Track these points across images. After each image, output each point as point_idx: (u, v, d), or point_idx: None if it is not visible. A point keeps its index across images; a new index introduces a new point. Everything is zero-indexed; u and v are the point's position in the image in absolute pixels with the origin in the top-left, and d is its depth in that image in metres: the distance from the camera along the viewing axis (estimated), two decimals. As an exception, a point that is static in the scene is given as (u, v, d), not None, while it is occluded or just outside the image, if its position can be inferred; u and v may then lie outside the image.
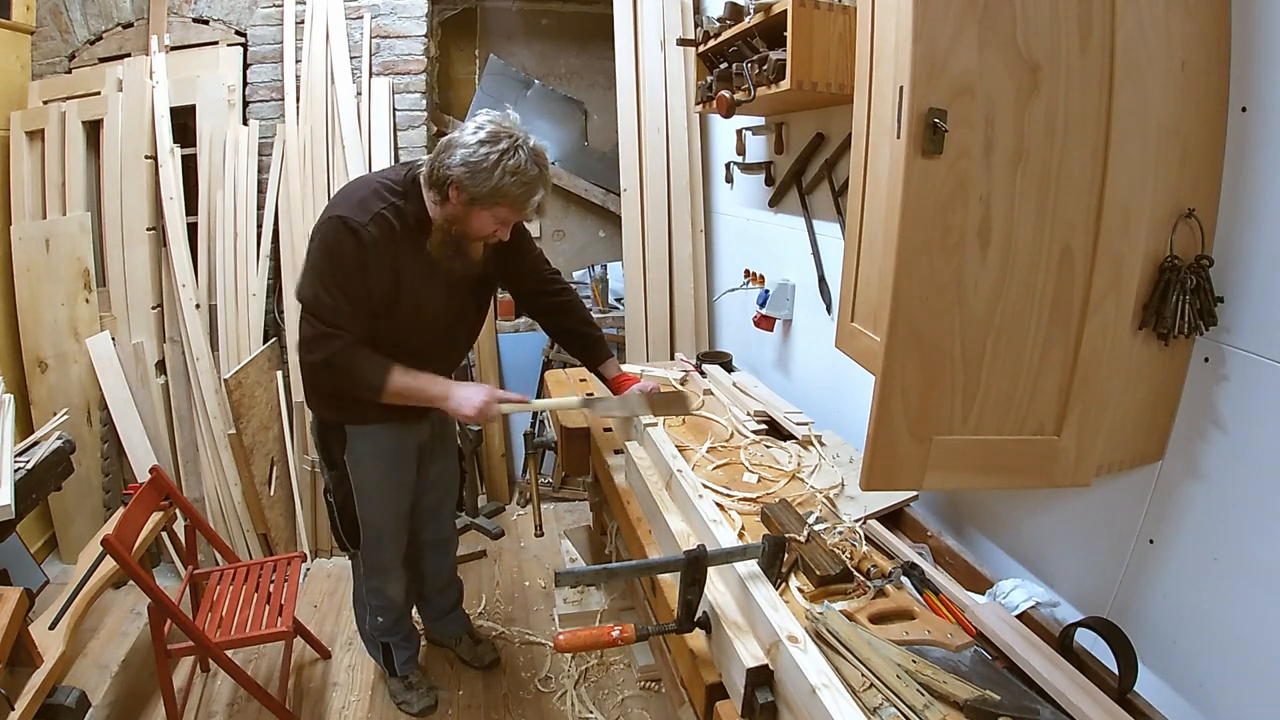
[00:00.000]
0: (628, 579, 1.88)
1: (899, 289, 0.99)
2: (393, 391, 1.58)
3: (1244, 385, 0.99)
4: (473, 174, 1.45)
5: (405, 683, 2.10)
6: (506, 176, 1.45)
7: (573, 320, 1.92)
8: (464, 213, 1.52)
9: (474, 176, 1.45)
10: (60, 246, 2.67)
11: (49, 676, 1.53)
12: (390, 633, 2.05)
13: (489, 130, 1.47)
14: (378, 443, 1.76)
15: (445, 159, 1.48)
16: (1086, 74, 0.95)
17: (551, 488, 3.32)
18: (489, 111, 1.52)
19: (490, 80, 3.37)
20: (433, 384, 1.62)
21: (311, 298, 1.54)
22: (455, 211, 1.53)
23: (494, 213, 1.52)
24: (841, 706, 0.89)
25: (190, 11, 2.86)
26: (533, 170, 1.49)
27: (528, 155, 1.48)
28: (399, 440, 1.79)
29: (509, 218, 1.56)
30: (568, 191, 3.48)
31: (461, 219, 1.54)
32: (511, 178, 1.46)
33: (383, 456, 1.78)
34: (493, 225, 1.56)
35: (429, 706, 2.08)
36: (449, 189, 1.50)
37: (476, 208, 1.51)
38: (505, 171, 1.45)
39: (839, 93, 1.68)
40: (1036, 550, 1.38)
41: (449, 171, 1.47)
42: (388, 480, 1.82)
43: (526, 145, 1.48)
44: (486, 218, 1.53)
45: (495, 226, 1.56)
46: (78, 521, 2.73)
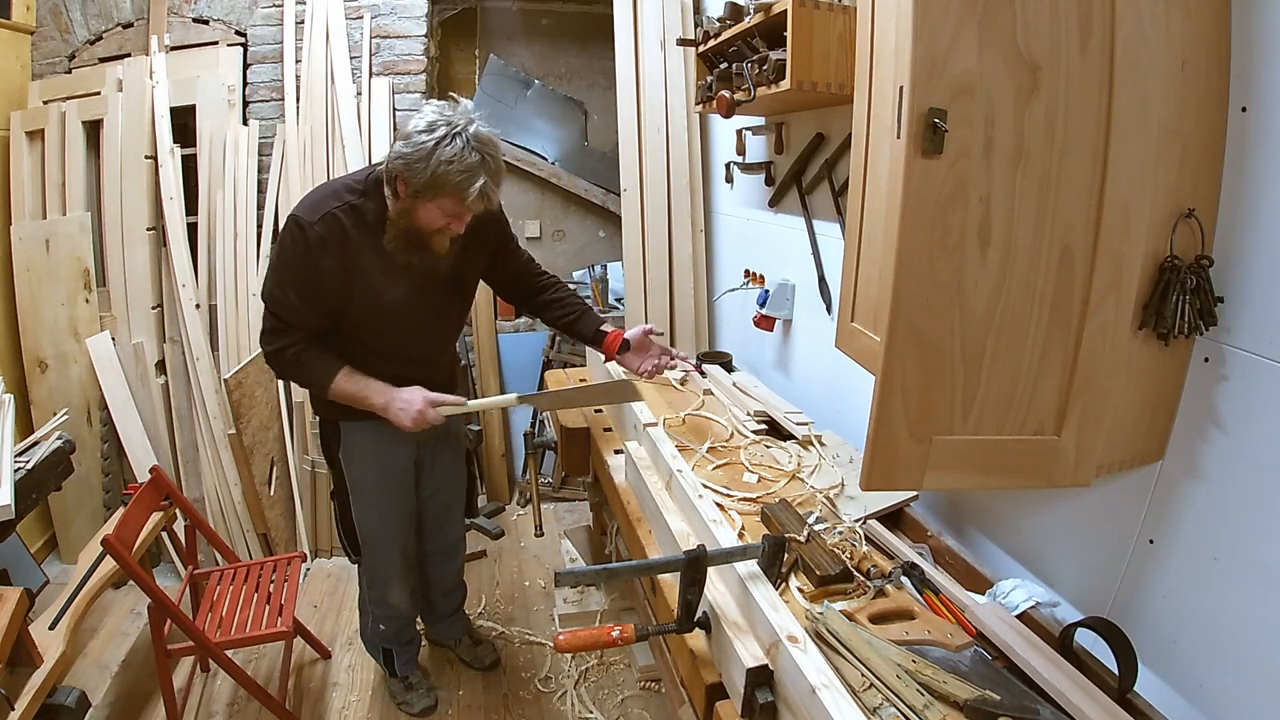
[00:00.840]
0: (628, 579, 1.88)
1: (899, 289, 0.99)
2: (336, 393, 1.62)
3: (1244, 385, 0.99)
4: (409, 165, 1.43)
5: (406, 683, 2.10)
6: (442, 165, 1.40)
7: (555, 302, 1.92)
8: (410, 205, 1.49)
9: (411, 167, 1.42)
10: (60, 246, 2.67)
11: (49, 676, 1.53)
12: (393, 640, 2.05)
13: (428, 119, 1.43)
14: (372, 439, 1.75)
15: (392, 152, 1.47)
16: (1086, 74, 0.95)
17: (551, 488, 3.32)
18: (435, 102, 1.49)
19: (490, 80, 3.37)
20: (374, 392, 1.62)
21: (268, 294, 1.59)
22: (404, 205, 1.51)
23: (438, 204, 1.47)
24: (841, 706, 0.89)
25: (190, 11, 2.86)
26: (472, 157, 1.42)
27: (466, 142, 1.41)
28: (394, 438, 1.75)
29: (454, 209, 1.49)
30: (568, 191, 3.48)
31: (409, 212, 1.51)
32: (448, 165, 1.40)
33: (377, 454, 1.78)
34: (441, 217, 1.51)
35: (429, 707, 2.08)
36: (396, 182, 1.48)
37: (420, 200, 1.47)
38: (440, 160, 1.40)
39: (839, 93, 1.68)
40: (1036, 550, 1.38)
41: (393, 164, 1.46)
42: (384, 479, 1.81)
43: (466, 132, 1.42)
44: (432, 209, 1.49)
45: (445, 219, 1.51)
46: (78, 521, 2.73)
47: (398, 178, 1.47)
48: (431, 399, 1.62)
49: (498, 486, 3.33)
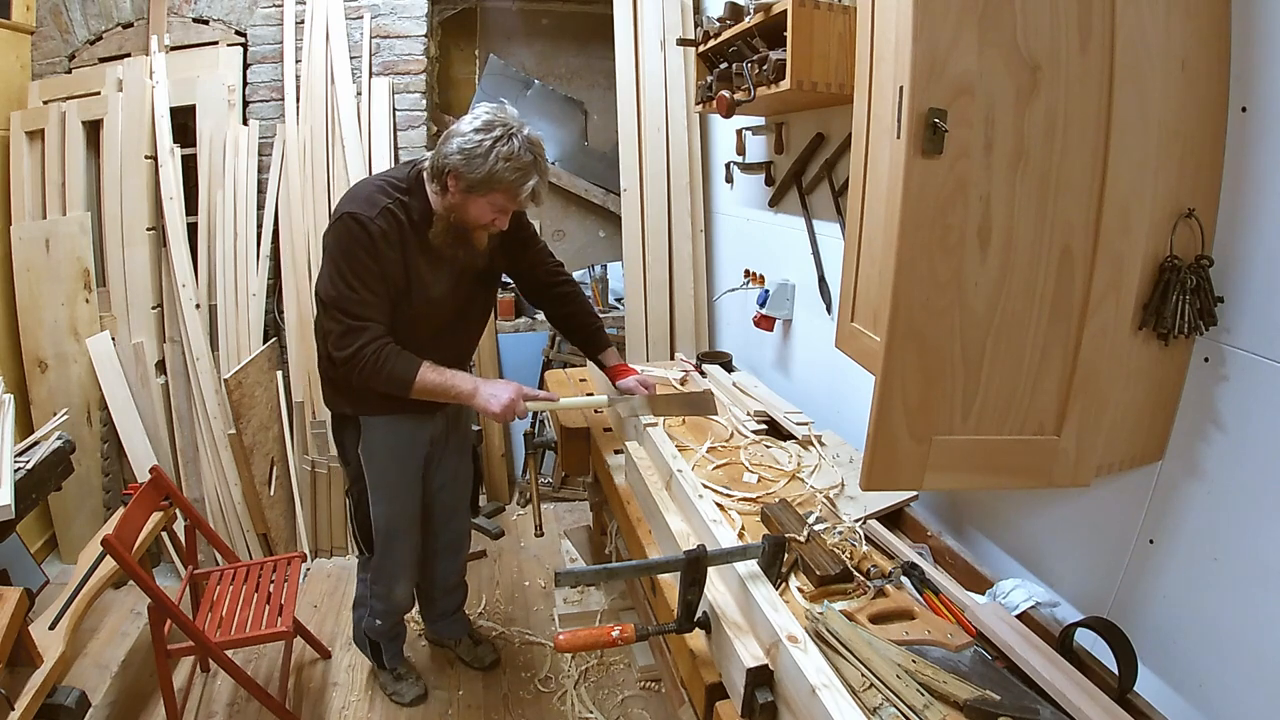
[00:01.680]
0: (628, 579, 1.88)
1: (899, 289, 0.99)
2: (421, 387, 1.60)
3: (1244, 385, 0.99)
4: (468, 160, 1.50)
5: (395, 674, 2.12)
6: (500, 162, 1.49)
7: (575, 309, 1.95)
8: (462, 201, 1.56)
9: (469, 163, 1.50)
10: (60, 246, 2.67)
11: (49, 676, 1.53)
12: (384, 633, 2.06)
13: (484, 120, 1.52)
14: (391, 434, 1.77)
15: (444, 149, 1.54)
16: (1086, 74, 0.95)
17: (551, 488, 3.32)
18: (487, 104, 1.56)
19: (490, 80, 3.37)
20: (461, 380, 1.65)
21: (335, 294, 1.56)
22: (454, 200, 1.57)
23: (490, 199, 1.55)
24: (841, 706, 0.89)
25: (190, 11, 2.86)
26: (526, 157, 1.52)
27: (522, 143, 1.51)
28: (412, 433, 1.80)
29: (505, 205, 1.58)
30: (568, 191, 3.48)
31: (460, 207, 1.58)
32: (505, 163, 1.49)
33: (396, 449, 1.79)
34: (490, 213, 1.59)
35: (420, 695, 2.11)
36: (447, 178, 1.55)
37: (473, 195, 1.54)
38: (499, 158, 1.49)
39: (839, 93, 1.68)
40: (1036, 550, 1.38)
41: (446, 161, 1.52)
42: (401, 475, 1.82)
43: (521, 133, 1.52)
44: (483, 205, 1.56)
45: (493, 214, 1.59)
46: (78, 521, 2.73)
47: (450, 173, 1.53)
48: (525, 392, 1.66)
49: (498, 486, 3.33)
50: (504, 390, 1.63)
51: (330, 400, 1.81)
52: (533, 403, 1.68)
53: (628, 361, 1.98)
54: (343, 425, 1.81)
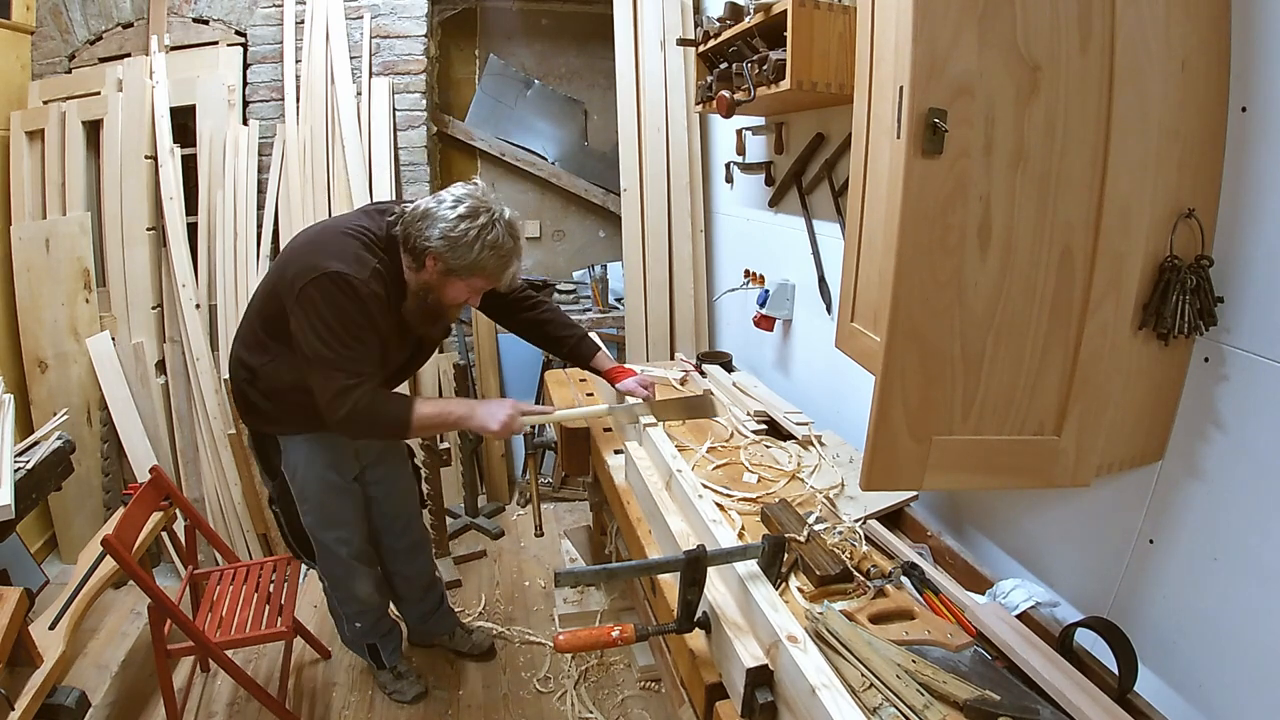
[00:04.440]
0: (628, 579, 1.88)
1: (899, 289, 0.99)
2: (419, 425, 1.60)
3: (1244, 385, 0.99)
4: (452, 247, 1.50)
5: (395, 673, 2.12)
6: (485, 250, 1.51)
7: (553, 327, 1.94)
8: (440, 281, 1.57)
9: (454, 250, 1.50)
10: (60, 246, 2.67)
11: (49, 676, 1.53)
12: (372, 633, 2.06)
13: (468, 205, 1.51)
14: (310, 450, 1.77)
15: (424, 229, 1.51)
16: (1086, 74, 0.95)
17: (551, 488, 3.32)
18: (462, 185, 1.57)
19: (490, 80, 3.37)
20: (455, 406, 1.67)
21: (332, 356, 1.50)
22: (431, 280, 1.57)
23: (469, 283, 1.57)
24: (841, 706, 0.88)
25: (190, 11, 2.86)
26: (509, 244, 1.55)
27: (504, 229, 1.53)
28: (332, 445, 1.77)
29: (483, 287, 1.61)
30: (568, 191, 3.48)
31: (437, 287, 1.58)
32: (490, 251, 1.51)
33: (318, 463, 1.78)
34: (467, 294, 1.61)
35: (421, 693, 2.11)
36: (425, 258, 1.54)
37: (453, 278, 1.55)
38: (485, 246, 1.50)
39: (839, 93, 1.68)
40: (1036, 550, 1.38)
41: (428, 243, 1.51)
42: (327, 486, 1.81)
43: (503, 219, 1.54)
44: (462, 287, 1.58)
45: (469, 295, 1.62)
46: (78, 521, 2.73)
47: (430, 254, 1.52)
48: (521, 408, 1.66)
49: (498, 486, 3.33)
50: (500, 409, 1.64)
51: (247, 419, 1.79)
52: (530, 417, 1.69)
53: (627, 362, 1.97)
54: (264, 444, 1.80)
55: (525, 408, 1.68)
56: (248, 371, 1.70)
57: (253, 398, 1.72)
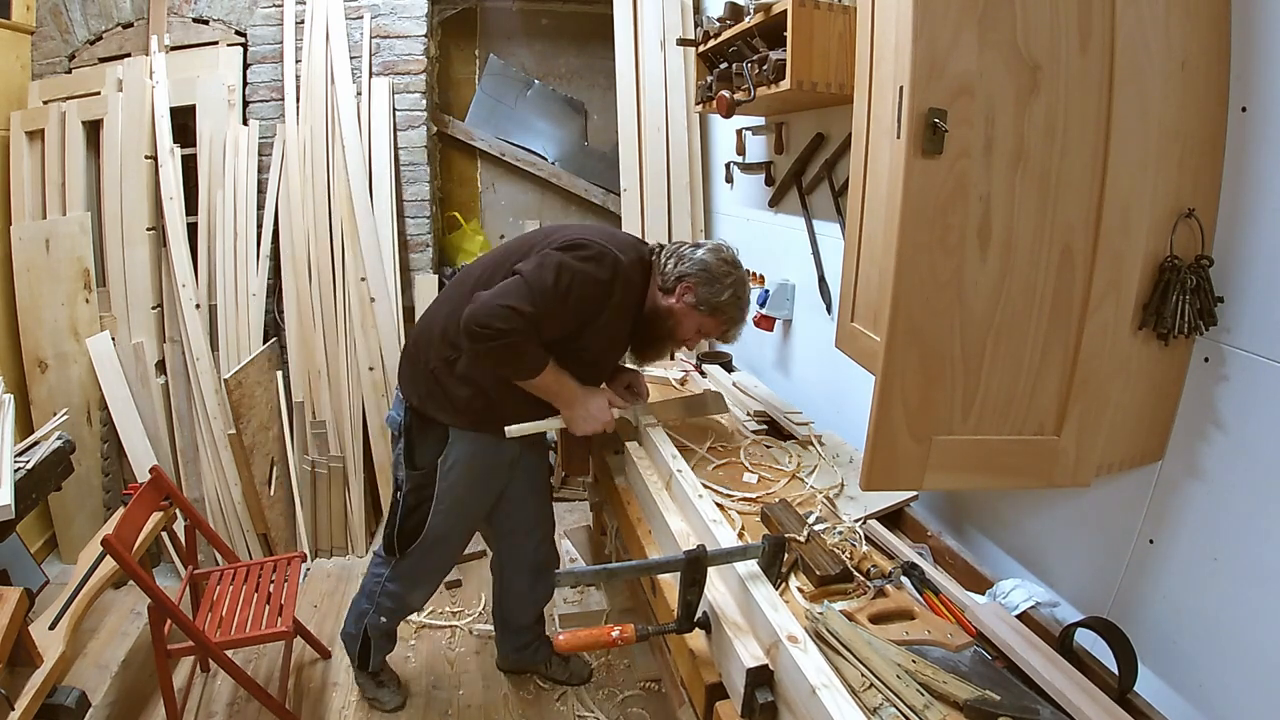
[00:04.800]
0: (628, 579, 1.88)
1: (899, 289, 0.99)
2: (538, 382, 1.59)
3: (1244, 385, 0.99)
4: (711, 282, 1.62)
5: (377, 680, 2.08)
6: (733, 299, 1.65)
7: None
8: (682, 311, 1.65)
9: (711, 285, 1.62)
10: (60, 246, 2.67)
11: (49, 676, 1.53)
12: (380, 632, 2.02)
13: (731, 256, 1.68)
14: (476, 450, 1.72)
15: (688, 255, 1.65)
16: (1086, 74, 0.95)
17: (551, 488, 3.32)
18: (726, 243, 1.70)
19: (490, 80, 3.37)
20: (569, 389, 1.65)
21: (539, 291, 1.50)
22: (675, 307, 1.65)
23: (702, 322, 1.66)
24: (841, 706, 0.88)
25: (190, 11, 2.86)
26: (747, 303, 1.71)
27: (748, 291, 1.70)
28: (496, 452, 1.75)
29: (711, 332, 1.70)
30: (568, 191, 3.48)
31: (676, 314, 1.66)
32: (735, 300, 1.65)
33: (476, 466, 1.75)
34: (695, 332, 1.69)
35: (400, 705, 2.07)
36: (678, 286, 1.64)
37: (694, 312, 1.64)
38: (736, 294, 1.65)
39: (839, 93, 1.68)
40: (1036, 550, 1.38)
41: (687, 270, 1.63)
42: (474, 491, 1.79)
43: (748, 283, 1.71)
44: (696, 322, 1.66)
45: (695, 335, 1.70)
46: (78, 521, 2.73)
47: (685, 282, 1.63)
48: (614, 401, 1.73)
49: (498, 486, 3.32)
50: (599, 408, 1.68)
51: (428, 404, 1.71)
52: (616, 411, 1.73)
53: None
54: (426, 431, 1.73)
55: (618, 402, 1.74)
56: (453, 350, 1.64)
57: (444, 380, 1.66)
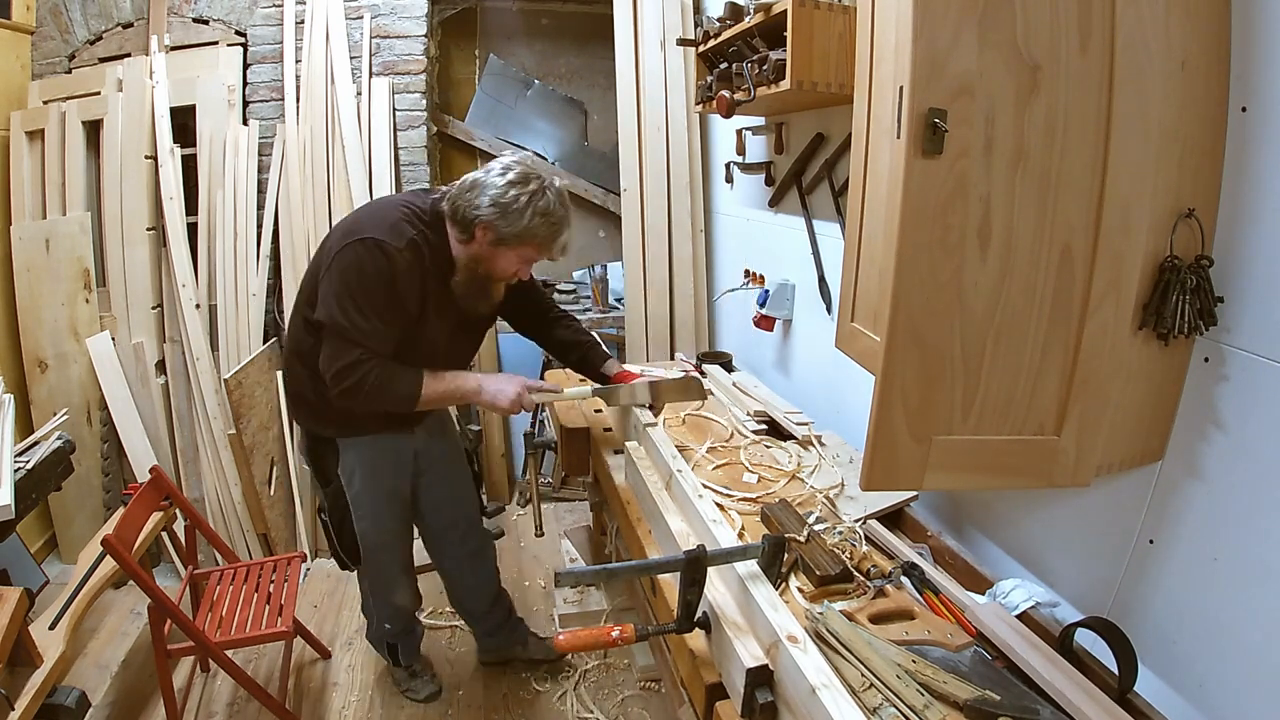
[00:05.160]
0: (628, 579, 1.88)
1: (899, 289, 0.99)
2: (426, 398, 1.57)
3: (1244, 385, 0.99)
4: (503, 214, 1.47)
5: (409, 670, 2.12)
6: (536, 217, 1.48)
7: (569, 335, 1.91)
8: (490, 253, 1.54)
9: (505, 216, 1.47)
10: (60, 246, 2.67)
11: (49, 676, 1.53)
12: (398, 635, 2.06)
13: (518, 172, 1.49)
14: (372, 453, 1.74)
15: (473, 198, 1.49)
16: (1086, 74, 0.95)
17: (551, 488, 3.32)
18: (513, 152, 1.56)
19: (490, 80, 3.37)
20: (464, 380, 1.62)
21: (345, 324, 1.47)
22: (481, 251, 1.54)
23: (520, 252, 1.54)
24: (841, 706, 0.88)
25: (190, 11, 2.86)
26: (560, 211, 1.53)
27: (555, 196, 1.51)
28: (394, 450, 1.77)
29: (534, 257, 1.58)
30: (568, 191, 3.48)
31: (487, 259, 1.55)
32: (541, 218, 1.49)
33: (377, 466, 1.76)
34: (517, 264, 1.58)
35: (434, 693, 2.11)
36: (475, 228, 1.50)
37: (503, 247, 1.52)
38: (535, 212, 1.48)
39: (839, 93, 1.68)
40: (1036, 550, 1.38)
41: (478, 211, 1.48)
42: (384, 491, 1.79)
43: (553, 186, 1.52)
44: (512, 257, 1.55)
45: (519, 266, 1.59)
46: (78, 521, 2.73)
47: (479, 223, 1.49)
48: (530, 384, 1.64)
49: (498, 486, 3.33)
50: (509, 384, 1.62)
51: (307, 422, 1.76)
52: (537, 395, 1.67)
53: (627, 362, 1.98)
54: (320, 447, 1.75)
55: (534, 384, 1.65)
56: (307, 369, 1.63)
57: (311, 398, 1.67)
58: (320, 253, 1.60)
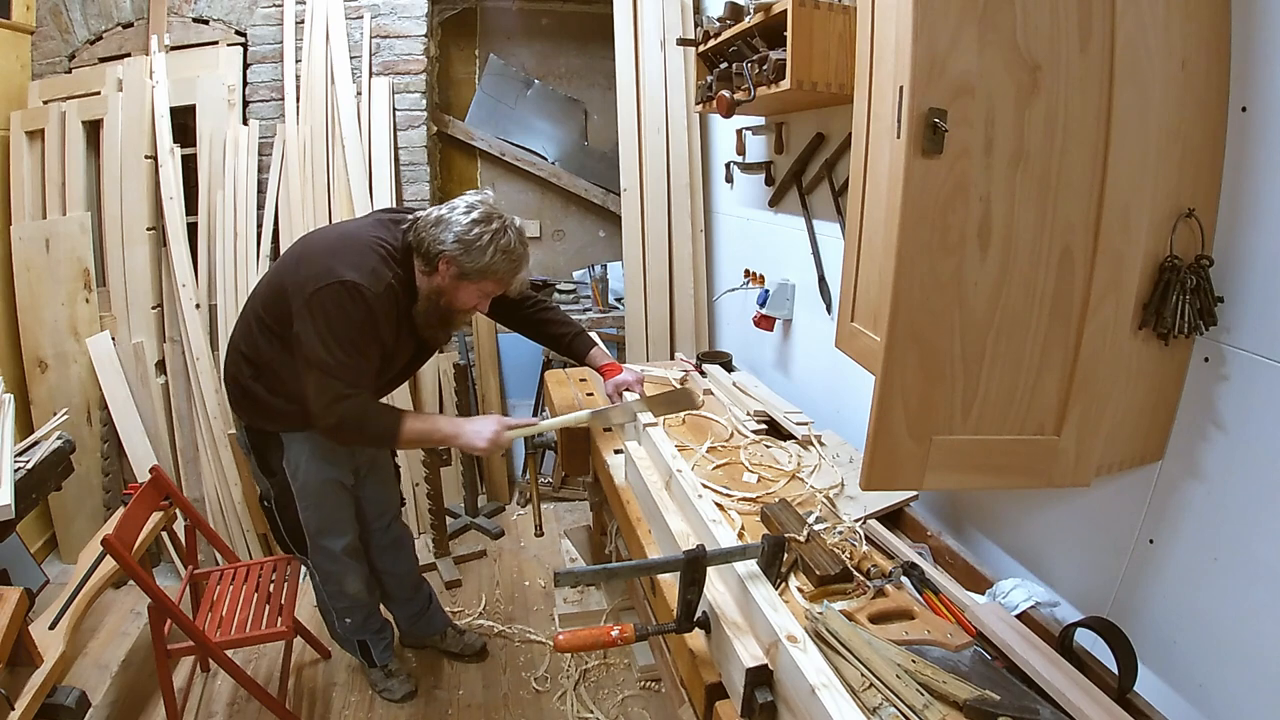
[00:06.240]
0: (628, 579, 1.88)
1: (899, 289, 0.99)
2: (405, 439, 1.64)
3: (1244, 385, 0.99)
4: (466, 251, 1.55)
5: (385, 671, 2.13)
6: (498, 254, 1.57)
7: (551, 324, 1.99)
8: (452, 286, 1.61)
9: (468, 253, 1.56)
10: (60, 246, 2.67)
11: (49, 676, 1.53)
12: (362, 630, 2.07)
13: (481, 211, 1.58)
14: (313, 446, 1.78)
15: (438, 233, 1.57)
16: (1086, 74, 0.95)
17: (551, 488, 3.32)
18: (475, 192, 1.64)
19: (490, 80, 3.37)
20: (443, 424, 1.72)
21: (332, 362, 1.54)
22: (443, 284, 1.62)
23: (480, 286, 1.63)
24: (841, 706, 0.88)
25: (190, 11, 2.86)
26: (519, 249, 1.62)
27: (515, 235, 1.61)
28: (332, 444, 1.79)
29: (493, 291, 1.67)
30: (568, 191, 3.48)
31: (449, 291, 1.63)
32: (502, 255, 1.58)
33: (321, 460, 1.80)
34: (477, 298, 1.66)
35: (410, 693, 2.12)
36: (439, 262, 1.58)
37: (466, 281, 1.60)
38: (497, 250, 1.57)
39: (839, 93, 1.68)
40: (1036, 550, 1.38)
41: (442, 246, 1.56)
42: (328, 483, 1.84)
43: (514, 225, 1.62)
44: (473, 291, 1.63)
45: (479, 300, 1.67)
46: (78, 521, 2.73)
47: (443, 258, 1.57)
48: (505, 423, 1.70)
49: (498, 486, 3.33)
50: (486, 425, 1.68)
51: (250, 416, 1.79)
52: (513, 431, 1.72)
53: (627, 361, 1.99)
54: (263, 440, 1.81)
55: (510, 422, 1.71)
56: (252, 367, 1.71)
57: (256, 393, 1.73)
58: (290, 272, 1.62)
